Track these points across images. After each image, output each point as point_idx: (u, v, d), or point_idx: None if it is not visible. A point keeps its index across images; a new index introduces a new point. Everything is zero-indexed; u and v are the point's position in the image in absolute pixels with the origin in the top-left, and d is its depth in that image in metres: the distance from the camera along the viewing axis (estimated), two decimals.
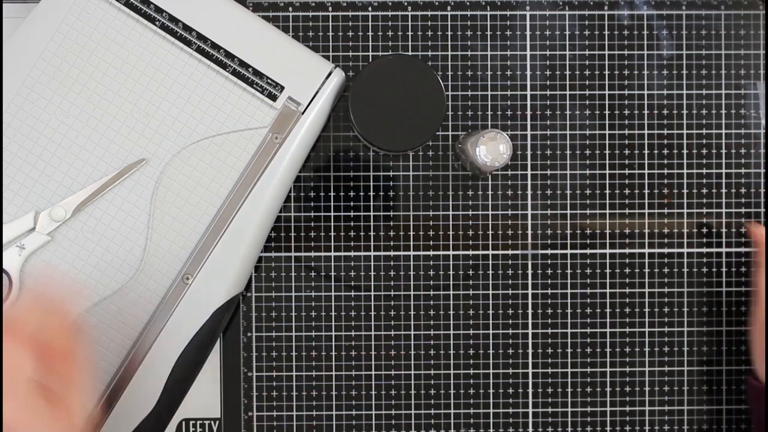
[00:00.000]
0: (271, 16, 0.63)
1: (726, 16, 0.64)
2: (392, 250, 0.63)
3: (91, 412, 0.56)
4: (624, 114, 0.64)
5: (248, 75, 0.58)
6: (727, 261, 0.64)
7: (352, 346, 0.63)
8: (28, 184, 0.58)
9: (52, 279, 0.57)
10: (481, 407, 0.64)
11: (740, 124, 0.64)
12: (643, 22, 0.64)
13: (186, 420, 0.63)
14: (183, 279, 0.58)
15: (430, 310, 0.63)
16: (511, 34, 0.63)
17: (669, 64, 0.64)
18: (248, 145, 0.58)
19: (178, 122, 0.58)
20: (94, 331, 0.58)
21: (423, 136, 0.56)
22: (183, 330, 0.58)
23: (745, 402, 0.64)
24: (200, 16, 0.58)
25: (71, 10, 0.58)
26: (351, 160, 0.63)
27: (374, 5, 0.63)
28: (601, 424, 0.64)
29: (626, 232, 0.64)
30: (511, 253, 0.64)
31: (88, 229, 0.58)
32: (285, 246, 0.63)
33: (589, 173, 0.64)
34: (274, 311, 0.63)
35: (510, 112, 0.63)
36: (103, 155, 0.58)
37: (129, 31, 0.58)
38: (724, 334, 0.64)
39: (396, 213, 0.63)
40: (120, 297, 0.58)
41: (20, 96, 0.58)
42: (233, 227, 0.58)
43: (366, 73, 0.56)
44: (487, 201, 0.63)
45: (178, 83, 0.58)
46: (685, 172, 0.64)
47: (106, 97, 0.58)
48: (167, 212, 0.58)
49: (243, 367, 0.63)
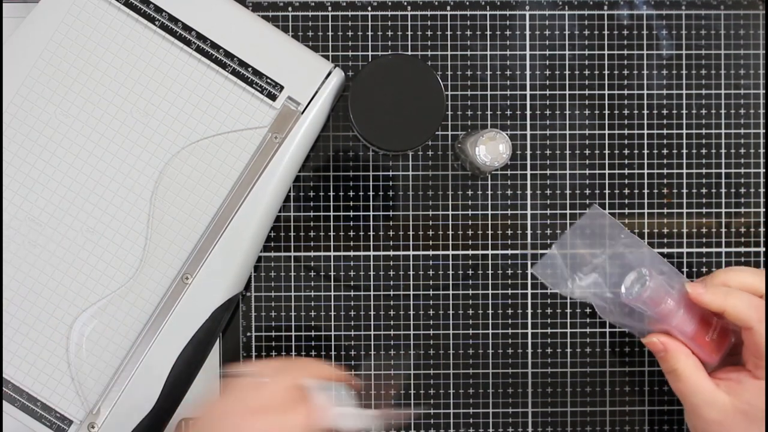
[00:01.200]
0: (271, 15, 0.63)
1: (726, 15, 0.64)
2: (392, 250, 0.63)
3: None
4: (624, 114, 0.64)
5: (248, 75, 0.58)
6: (726, 261, 0.64)
7: (351, 346, 0.63)
8: (28, 183, 0.58)
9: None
10: (480, 407, 0.64)
11: (740, 124, 0.64)
12: (642, 22, 0.64)
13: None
14: (182, 279, 0.58)
15: (430, 310, 0.63)
16: (511, 34, 0.63)
17: (669, 64, 0.64)
18: (248, 145, 0.58)
19: (177, 122, 0.58)
20: (94, 331, 0.58)
21: (422, 135, 0.56)
22: (182, 330, 0.58)
23: None
24: (200, 15, 0.58)
25: (71, 9, 0.58)
26: (350, 160, 0.63)
27: (374, 5, 0.63)
28: (600, 424, 0.64)
29: None
30: (510, 253, 0.64)
31: (88, 229, 0.58)
32: (285, 246, 0.63)
33: (588, 173, 0.64)
34: (273, 311, 0.63)
35: (509, 112, 0.63)
36: (102, 155, 0.58)
37: (128, 31, 0.58)
38: None
39: (395, 213, 0.63)
40: (120, 297, 0.58)
41: (20, 96, 0.58)
42: (233, 227, 0.58)
43: (365, 72, 0.56)
44: (486, 201, 0.63)
45: (177, 83, 0.58)
46: (685, 172, 0.64)
47: (106, 96, 0.58)
48: (167, 212, 0.58)
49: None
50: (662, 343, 0.53)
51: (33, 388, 0.58)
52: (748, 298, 0.52)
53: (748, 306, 0.51)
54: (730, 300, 0.51)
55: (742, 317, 0.51)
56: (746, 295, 0.52)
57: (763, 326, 0.51)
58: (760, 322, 0.51)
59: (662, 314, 0.53)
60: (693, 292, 0.52)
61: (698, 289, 0.52)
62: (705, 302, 0.52)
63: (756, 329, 0.51)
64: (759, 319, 0.51)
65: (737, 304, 0.51)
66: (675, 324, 0.53)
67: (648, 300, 0.53)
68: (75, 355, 0.58)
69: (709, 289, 0.52)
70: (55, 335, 0.58)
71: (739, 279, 0.52)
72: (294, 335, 0.63)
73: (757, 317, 0.51)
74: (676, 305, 0.53)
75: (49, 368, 0.58)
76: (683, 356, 0.53)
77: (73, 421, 0.58)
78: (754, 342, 0.52)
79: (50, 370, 0.58)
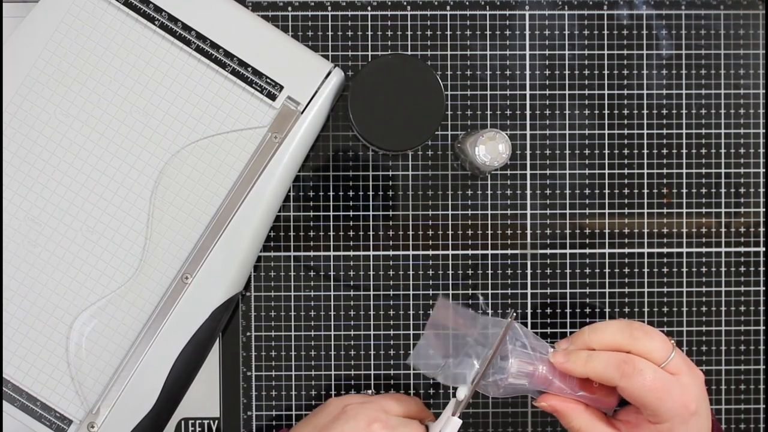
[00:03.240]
0: (271, 15, 0.63)
1: (725, 15, 0.64)
2: (392, 250, 0.63)
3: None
4: (623, 114, 0.64)
5: (247, 74, 0.58)
6: (726, 261, 0.64)
7: (351, 345, 0.63)
8: (28, 183, 0.58)
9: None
10: (480, 407, 0.64)
11: (740, 124, 0.64)
12: (642, 22, 0.64)
13: (185, 419, 0.63)
14: (182, 278, 0.58)
15: (430, 309, 0.63)
16: (511, 33, 0.63)
17: (668, 64, 0.64)
18: (247, 145, 0.58)
19: (177, 122, 0.58)
20: (94, 331, 0.58)
21: (422, 135, 0.56)
22: (182, 329, 0.58)
23: (744, 402, 0.64)
24: (199, 15, 0.58)
25: (70, 9, 0.58)
26: (350, 159, 0.63)
27: (373, 5, 0.63)
28: None
29: (626, 232, 0.64)
30: (510, 253, 0.64)
31: (88, 229, 0.58)
32: (284, 246, 0.63)
33: (588, 173, 0.64)
34: (273, 311, 0.63)
35: (509, 112, 0.63)
36: (102, 154, 0.58)
37: (128, 31, 0.58)
38: (723, 334, 0.64)
39: (395, 213, 0.63)
40: (120, 297, 0.58)
41: (20, 95, 0.58)
42: (232, 227, 0.58)
43: (365, 72, 0.56)
44: (486, 201, 0.63)
45: (177, 83, 0.58)
46: (685, 172, 0.64)
47: (106, 96, 0.58)
48: (167, 212, 0.58)
49: (242, 366, 0.63)
50: (551, 406, 0.54)
51: (33, 387, 0.58)
52: (608, 358, 0.52)
53: (609, 366, 0.51)
54: (591, 364, 0.52)
55: (606, 378, 0.52)
56: (606, 355, 0.52)
57: (627, 381, 0.51)
58: (624, 378, 0.51)
59: (540, 382, 0.54)
60: (555, 362, 0.53)
61: (559, 359, 0.53)
62: (568, 369, 0.53)
63: (622, 386, 0.51)
64: (622, 375, 0.51)
65: (597, 367, 0.52)
66: (557, 386, 0.54)
67: (518, 375, 0.54)
68: (75, 354, 0.58)
69: (569, 358, 0.53)
70: (55, 335, 0.58)
71: (598, 339, 0.53)
72: (294, 335, 0.63)
73: (619, 374, 0.51)
74: (549, 371, 0.54)
75: (49, 368, 0.58)
76: (576, 413, 0.53)
77: (72, 420, 0.58)
78: (628, 396, 0.52)
79: (50, 369, 0.58)
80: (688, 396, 0.51)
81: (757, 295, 0.64)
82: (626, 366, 0.51)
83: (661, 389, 0.51)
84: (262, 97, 0.58)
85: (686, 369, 0.52)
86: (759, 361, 0.64)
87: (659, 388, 0.51)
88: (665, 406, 0.51)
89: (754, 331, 0.64)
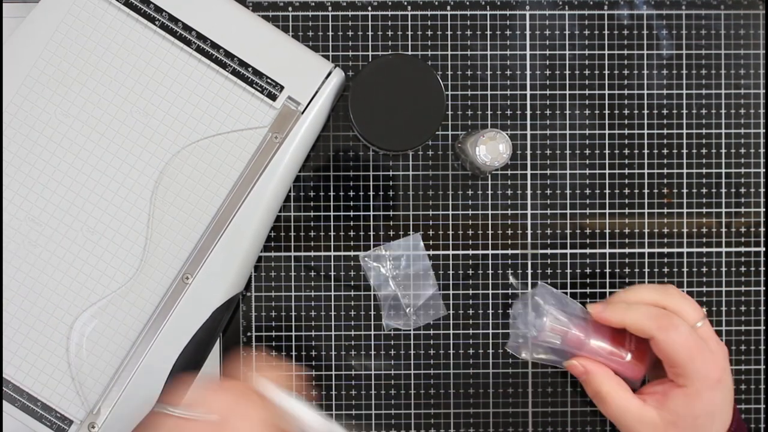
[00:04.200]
0: (271, 15, 0.63)
1: (726, 15, 0.64)
2: None
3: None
4: (624, 114, 0.64)
5: (248, 75, 0.58)
6: (726, 261, 0.64)
7: (351, 345, 0.63)
8: (28, 183, 0.58)
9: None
10: (480, 407, 0.64)
11: (740, 124, 0.64)
12: (642, 22, 0.64)
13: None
14: (183, 278, 0.58)
15: (430, 309, 0.63)
16: (511, 33, 0.63)
17: (669, 63, 0.64)
18: (248, 145, 0.58)
19: (177, 122, 0.58)
20: (94, 331, 0.58)
21: (423, 135, 0.56)
22: (182, 329, 0.58)
23: (744, 402, 0.64)
24: (200, 15, 0.58)
25: (71, 9, 0.58)
26: (351, 159, 0.63)
27: (374, 5, 0.63)
28: (600, 423, 0.64)
29: (626, 232, 0.64)
30: (510, 253, 0.64)
31: (88, 229, 0.58)
32: (285, 246, 0.63)
33: (588, 173, 0.64)
34: (273, 311, 0.63)
35: (510, 112, 0.63)
36: (102, 155, 0.58)
37: (129, 31, 0.58)
38: (723, 334, 0.64)
39: (396, 213, 0.63)
40: (120, 297, 0.58)
41: (20, 95, 0.58)
42: (233, 227, 0.58)
43: (365, 72, 0.56)
44: (486, 201, 0.63)
45: (177, 83, 0.58)
46: (685, 172, 0.64)
47: (106, 96, 0.58)
48: (167, 212, 0.58)
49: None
50: (583, 366, 0.55)
51: (33, 388, 0.58)
52: (647, 310, 0.53)
53: (647, 317, 0.53)
54: (629, 314, 0.54)
55: (643, 328, 0.53)
56: (644, 307, 0.54)
57: (663, 334, 0.52)
58: (660, 330, 0.52)
59: (573, 343, 0.55)
60: (594, 311, 0.55)
61: (598, 308, 0.55)
62: (606, 319, 0.54)
63: (657, 338, 0.52)
64: (659, 327, 0.52)
65: (635, 316, 0.53)
66: (589, 349, 0.55)
67: (552, 331, 0.55)
68: (75, 355, 0.58)
69: (608, 307, 0.54)
70: (55, 335, 0.58)
71: (637, 295, 0.55)
72: (294, 335, 0.63)
73: (656, 326, 0.52)
74: (583, 332, 0.55)
75: (50, 368, 0.58)
76: (605, 378, 0.54)
77: (73, 421, 0.58)
78: (660, 350, 0.53)
79: (50, 370, 0.58)
80: (716, 363, 0.53)
81: (758, 295, 0.64)
82: (663, 319, 0.52)
83: (694, 347, 0.52)
84: (263, 97, 0.58)
85: (715, 338, 0.54)
86: (759, 361, 0.64)
87: (692, 346, 0.52)
88: (694, 365, 0.52)
89: (754, 331, 0.64)
